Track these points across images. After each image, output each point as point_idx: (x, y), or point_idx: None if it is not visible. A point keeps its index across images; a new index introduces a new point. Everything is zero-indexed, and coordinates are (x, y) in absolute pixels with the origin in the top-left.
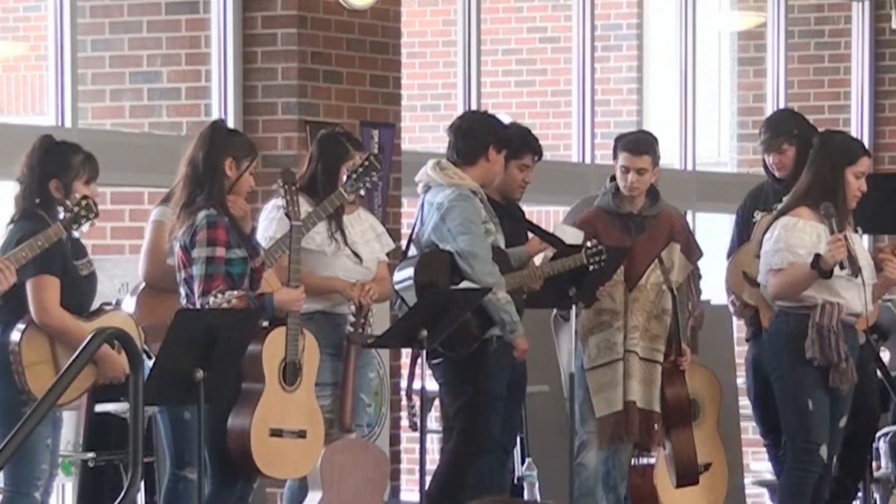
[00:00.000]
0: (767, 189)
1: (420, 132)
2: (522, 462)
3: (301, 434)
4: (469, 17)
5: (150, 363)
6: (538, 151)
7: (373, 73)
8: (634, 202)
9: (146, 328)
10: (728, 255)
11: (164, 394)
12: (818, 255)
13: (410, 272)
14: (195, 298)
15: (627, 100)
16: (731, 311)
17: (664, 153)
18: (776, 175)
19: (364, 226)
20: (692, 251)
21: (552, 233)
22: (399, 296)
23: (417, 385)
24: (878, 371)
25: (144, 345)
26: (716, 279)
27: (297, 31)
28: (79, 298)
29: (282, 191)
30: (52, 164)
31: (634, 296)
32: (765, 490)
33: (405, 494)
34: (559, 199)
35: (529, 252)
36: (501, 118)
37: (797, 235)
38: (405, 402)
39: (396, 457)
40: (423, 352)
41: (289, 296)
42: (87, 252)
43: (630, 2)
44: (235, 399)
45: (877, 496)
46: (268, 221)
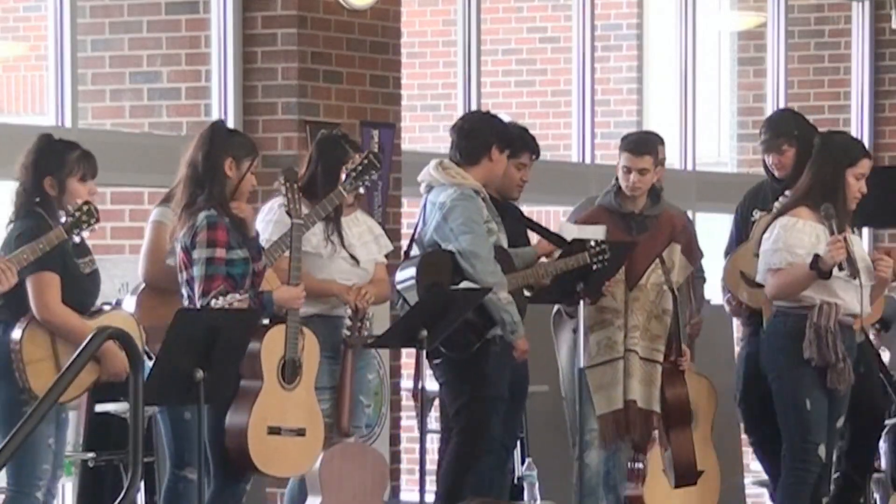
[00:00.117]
0: (766, 188)
1: (420, 132)
2: (522, 462)
3: (300, 432)
4: (469, 17)
5: (150, 363)
6: (536, 150)
7: (373, 73)
8: (636, 202)
9: (146, 329)
10: (726, 254)
11: (164, 394)
12: (817, 256)
13: (413, 272)
14: (196, 299)
15: (627, 100)
16: (728, 310)
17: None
18: (776, 175)
19: (361, 227)
20: (693, 253)
21: (554, 231)
22: (401, 296)
23: (418, 385)
24: (881, 373)
25: (145, 346)
26: (715, 279)
27: (297, 31)
28: (80, 296)
29: (283, 188)
30: (47, 162)
31: (635, 295)
32: (765, 490)
33: (405, 494)
34: (559, 199)
35: (539, 252)
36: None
37: (796, 235)
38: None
39: (396, 457)
40: (423, 352)
41: (288, 293)
42: (90, 250)
43: (630, 2)
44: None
45: (877, 496)
46: (264, 224)
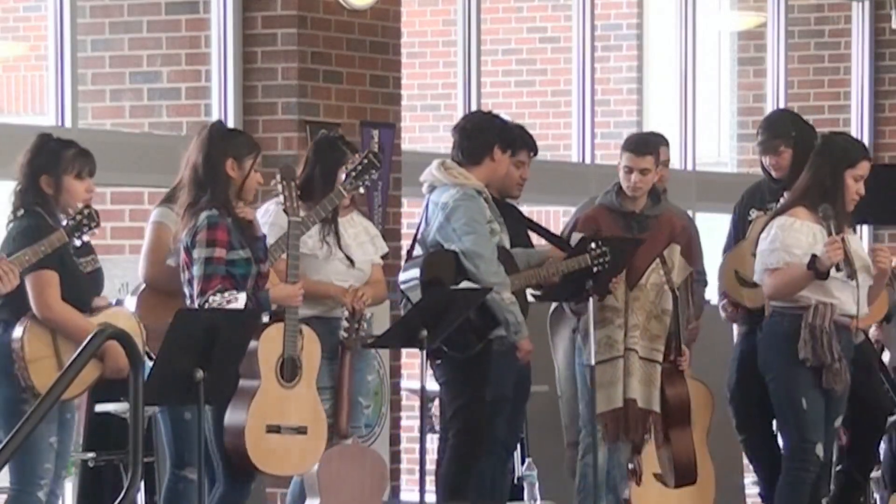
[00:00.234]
0: (764, 188)
1: (420, 132)
2: (522, 462)
3: (301, 430)
4: (469, 17)
5: (150, 364)
6: (533, 148)
7: (373, 73)
8: (636, 202)
9: (147, 328)
10: (724, 253)
11: (164, 394)
12: (814, 256)
13: (416, 272)
14: (194, 299)
15: (627, 100)
16: (723, 316)
17: None
18: (773, 175)
19: (357, 228)
20: (693, 254)
21: (554, 233)
22: (405, 296)
23: (418, 385)
24: (881, 373)
25: (146, 346)
26: (715, 279)
27: (297, 31)
28: (79, 294)
29: (280, 186)
30: (43, 161)
31: (635, 294)
32: None
33: (405, 494)
34: (559, 199)
35: (551, 254)
36: None
37: (793, 235)
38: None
39: (396, 457)
40: (423, 351)
41: (285, 292)
42: (93, 249)
43: (630, 2)
44: None
45: (877, 496)
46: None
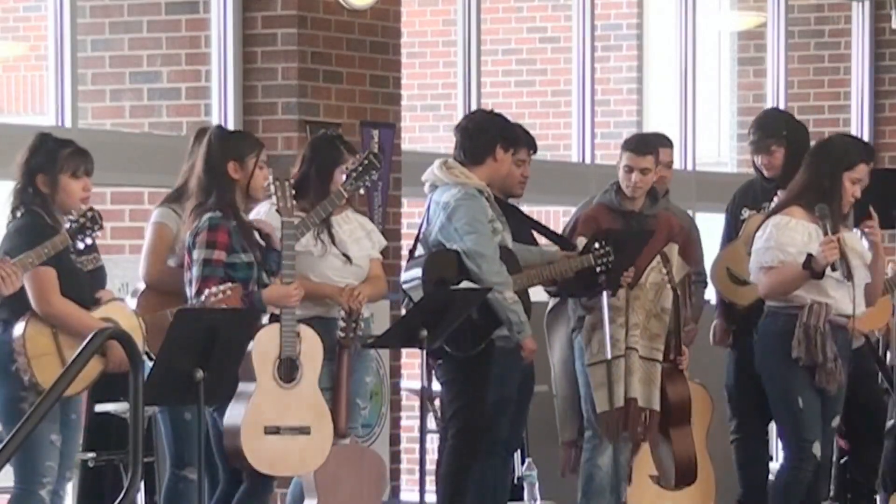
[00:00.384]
0: (756, 187)
1: (420, 132)
2: (522, 462)
3: (304, 430)
4: (469, 17)
5: (150, 364)
6: (533, 145)
7: (373, 73)
8: (635, 201)
9: (147, 321)
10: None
11: (164, 394)
12: (810, 256)
13: (418, 272)
14: (191, 299)
15: (627, 100)
16: (712, 343)
17: None
18: (765, 175)
19: (353, 225)
20: (690, 254)
21: (557, 232)
22: (407, 295)
23: (418, 385)
24: (880, 373)
25: (145, 344)
26: None
27: (297, 31)
28: (79, 292)
29: (273, 187)
30: (39, 160)
31: (635, 294)
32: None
33: (405, 494)
34: (559, 199)
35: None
36: None
37: (788, 234)
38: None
39: (396, 457)
40: (424, 351)
41: (278, 292)
42: (96, 248)
43: (630, 2)
44: None
45: (877, 497)
46: None
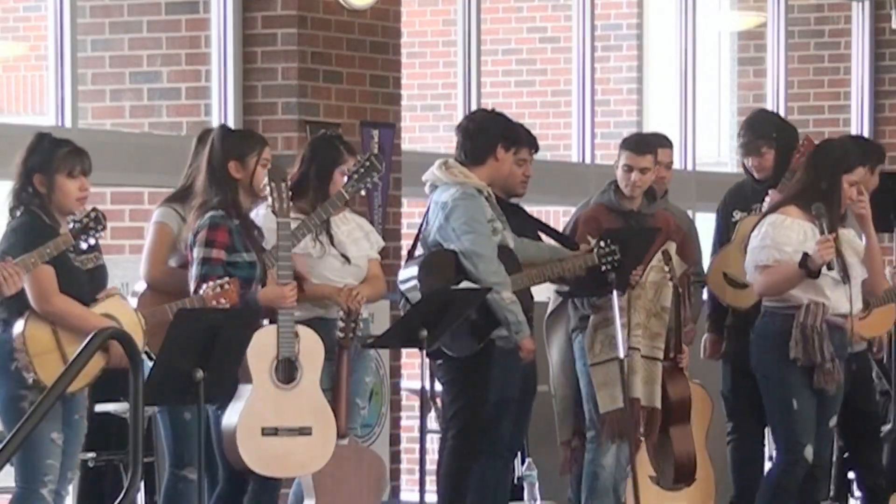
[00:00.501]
0: (747, 189)
1: (420, 132)
2: (522, 462)
3: (304, 431)
4: (469, 17)
5: (151, 364)
6: (534, 145)
7: (373, 73)
8: (634, 200)
9: (146, 315)
10: (711, 256)
11: (164, 394)
12: (806, 255)
13: (414, 271)
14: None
15: (627, 100)
16: (703, 357)
17: None
18: (755, 176)
19: (351, 225)
20: (688, 253)
21: (563, 233)
22: (403, 296)
23: (418, 385)
24: (882, 376)
25: (145, 343)
26: None
27: (297, 31)
28: (78, 290)
29: (268, 188)
30: (36, 159)
31: (636, 293)
32: None
33: (405, 494)
34: (559, 200)
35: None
36: None
37: (784, 233)
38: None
39: (396, 457)
40: (424, 351)
41: (274, 293)
42: (98, 247)
43: (630, 2)
44: None
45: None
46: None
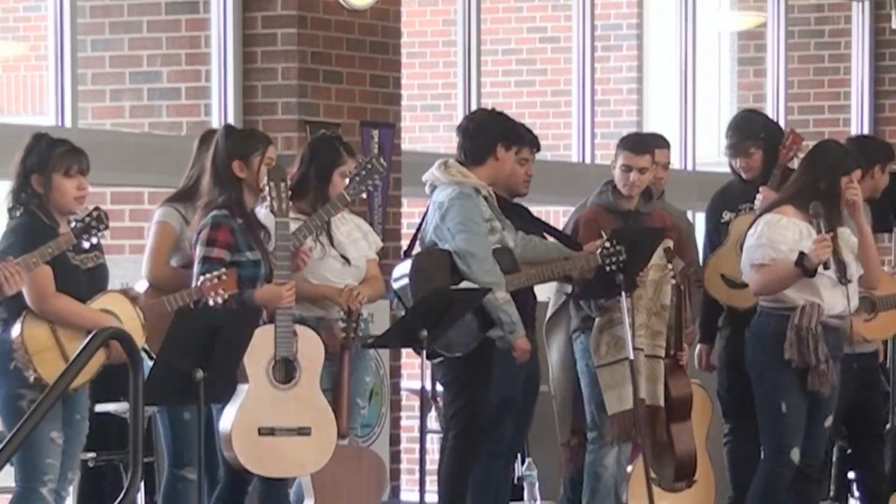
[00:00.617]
0: (735, 189)
1: (420, 132)
2: (522, 462)
3: (303, 431)
4: (469, 17)
5: (151, 364)
6: (536, 144)
7: (373, 73)
8: (631, 200)
9: (143, 308)
10: (703, 258)
11: (164, 394)
12: (802, 254)
13: (406, 269)
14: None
15: (627, 100)
16: (697, 368)
17: None
18: (743, 177)
19: (349, 226)
20: (685, 251)
21: (566, 234)
22: (396, 294)
23: (418, 385)
24: (885, 379)
25: (145, 340)
26: None
27: (297, 31)
28: (75, 289)
29: (267, 188)
30: (33, 160)
31: (638, 293)
32: None
33: (405, 494)
34: (559, 200)
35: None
36: None
37: (779, 232)
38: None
39: (396, 457)
40: (423, 351)
41: (270, 293)
42: (99, 246)
43: (630, 2)
44: None
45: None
46: None
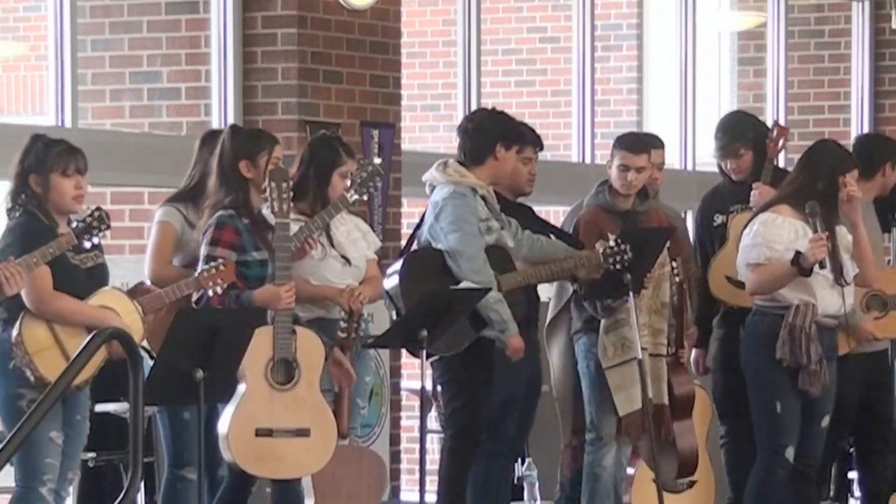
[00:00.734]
0: (724, 191)
1: (420, 132)
2: (522, 462)
3: (301, 432)
4: (469, 17)
5: (152, 363)
6: (538, 143)
7: (373, 73)
8: (627, 200)
9: (141, 302)
10: (698, 261)
11: (164, 394)
12: (798, 253)
13: (398, 268)
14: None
15: (627, 100)
16: (693, 372)
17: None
18: (732, 178)
19: (349, 226)
20: (681, 250)
21: (570, 233)
22: (388, 294)
23: (418, 385)
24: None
25: (144, 336)
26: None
27: (297, 31)
28: (74, 288)
29: (268, 188)
30: (31, 160)
31: (640, 293)
32: None
33: (405, 494)
34: (559, 200)
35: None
36: None
37: (775, 231)
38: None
39: (396, 457)
40: (423, 351)
41: (269, 293)
42: (99, 246)
43: (630, 2)
44: None
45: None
46: None
